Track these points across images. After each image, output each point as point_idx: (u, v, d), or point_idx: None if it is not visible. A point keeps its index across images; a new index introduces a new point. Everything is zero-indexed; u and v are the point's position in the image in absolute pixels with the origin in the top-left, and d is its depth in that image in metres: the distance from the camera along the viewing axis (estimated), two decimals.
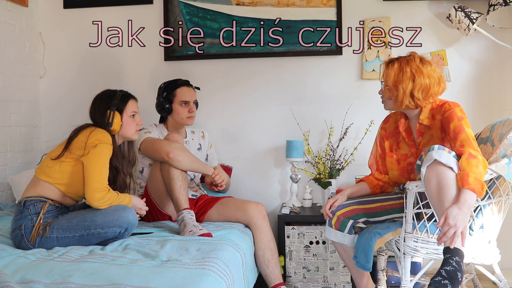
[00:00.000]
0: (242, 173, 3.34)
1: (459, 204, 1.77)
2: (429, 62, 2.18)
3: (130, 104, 2.42)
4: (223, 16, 3.30)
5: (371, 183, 2.40)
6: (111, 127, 2.33)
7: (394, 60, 2.22)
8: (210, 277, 1.75)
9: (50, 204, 2.21)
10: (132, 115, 2.42)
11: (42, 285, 1.62)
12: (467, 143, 1.95)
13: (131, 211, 2.21)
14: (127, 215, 2.18)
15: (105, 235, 2.16)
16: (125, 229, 2.18)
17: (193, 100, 2.85)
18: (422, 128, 2.22)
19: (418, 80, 2.12)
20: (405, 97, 2.15)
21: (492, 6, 2.84)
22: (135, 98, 2.47)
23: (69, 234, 2.15)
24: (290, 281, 2.89)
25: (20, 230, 2.14)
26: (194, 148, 2.93)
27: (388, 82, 2.20)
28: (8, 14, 3.13)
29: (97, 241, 2.18)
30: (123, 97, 2.41)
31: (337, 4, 3.21)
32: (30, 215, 2.15)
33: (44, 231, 2.14)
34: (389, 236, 2.14)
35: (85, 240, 2.16)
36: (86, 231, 2.15)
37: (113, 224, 2.15)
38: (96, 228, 2.14)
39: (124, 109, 2.39)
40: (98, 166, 2.20)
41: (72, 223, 2.16)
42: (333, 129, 3.24)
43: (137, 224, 2.25)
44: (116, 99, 2.37)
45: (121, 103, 2.38)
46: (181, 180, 2.51)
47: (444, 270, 1.70)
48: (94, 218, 2.15)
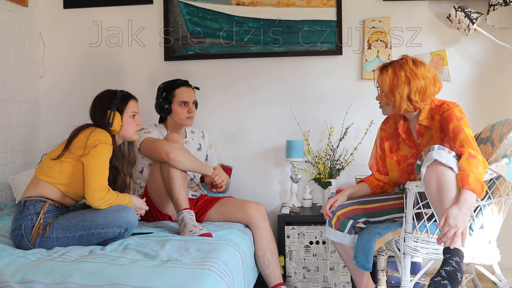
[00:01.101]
0: (242, 173, 3.34)
1: (459, 205, 1.77)
2: (422, 63, 2.17)
3: (130, 104, 2.41)
4: (223, 16, 3.30)
5: (372, 184, 2.40)
6: (111, 127, 2.33)
7: (388, 65, 2.21)
8: (210, 277, 1.75)
9: (50, 204, 2.21)
10: (133, 115, 2.42)
11: (42, 285, 1.62)
12: (466, 143, 1.95)
13: (131, 211, 2.21)
14: (127, 215, 2.18)
15: (105, 235, 2.16)
16: (125, 229, 2.18)
17: (192, 100, 2.85)
18: (422, 129, 2.22)
19: (414, 83, 2.12)
20: (403, 101, 2.14)
21: (492, 6, 2.84)
22: (135, 98, 2.47)
23: (69, 234, 2.15)
24: (290, 281, 2.89)
25: (20, 230, 2.14)
26: (194, 148, 2.93)
27: (383, 88, 2.20)
28: (8, 14, 3.13)
29: (97, 241, 2.18)
30: (124, 97, 2.40)
31: (337, 4, 3.21)
32: (30, 215, 2.15)
33: (44, 231, 2.14)
34: (389, 236, 2.14)
35: (85, 240, 2.16)
36: (86, 231, 2.15)
37: (113, 224, 2.15)
38: (96, 228, 2.14)
39: (124, 109, 2.39)
40: (98, 166, 2.20)
41: (72, 223, 2.16)
42: (333, 129, 3.24)
43: (137, 224, 2.26)
44: (116, 99, 2.36)
45: (121, 103, 2.38)
46: (181, 180, 2.51)
47: (444, 270, 1.70)
48: (94, 218, 2.15)
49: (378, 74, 2.25)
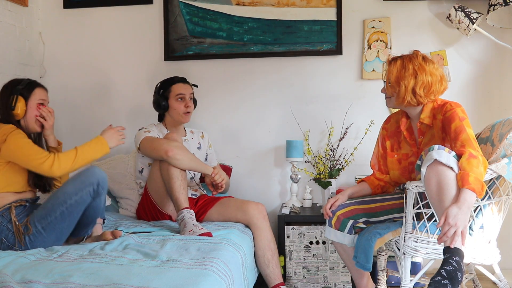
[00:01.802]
0: (242, 173, 3.34)
1: (459, 204, 1.78)
2: (432, 61, 2.19)
3: (37, 91, 2.32)
4: (223, 16, 3.29)
5: (372, 184, 2.40)
6: (14, 111, 2.24)
7: (397, 57, 2.23)
8: (210, 277, 1.75)
9: (15, 206, 2.18)
10: (41, 103, 2.33)
11: (42, 285, 1.62)
12: (468, 143, 1.95)
13: (95, 167, 2.19)
14: (93, 171, 2.16)
15: (82, 200, 2.14)
16: (97, 184, 2.16)
17: (189, 94, 2.85)
18: (423, 128, 2.23)
19: (420, 77, 2.13)
20: (407, 93, 2.15)
21: (492, 6, 2.84)
22: (43, 87, 2.38)
23: (50, 218, 2.13)
24: (290, 281, 2.89)
25: (4, 243, 2.12)
26: (193, 147, 2.93)
27: (390, 78, 2.21)
28: (8, 14, 3.13)
29: (79, 210, 2.16)
30: (30, 84, 2.32)
31: (337, 4, 3.21)
32: (4, 225, 2.13)
33: (27, 230, 2.12)
34: (389, 236, 2.14)
35: (67, 215, 2.13)
36: (63, 205, 2.13)
37: (83, 184, 2.13)
38: (71, 197, 2.12)
39: (30, 96, 2.29)
40: (21, 150, 2.14)
41: (48, 206, 2.14)
42: (333, 129, 3.24)
43: (106, 177, 2.23)
44: (21, 85, 2.28)
45: (26, 90, 2.29)
46: (180, 180, 2.51)
47: (444, 269, 1.70)
48: (64, 190, 2.14)
49: (386, 66, 2.27)
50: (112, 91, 3.42)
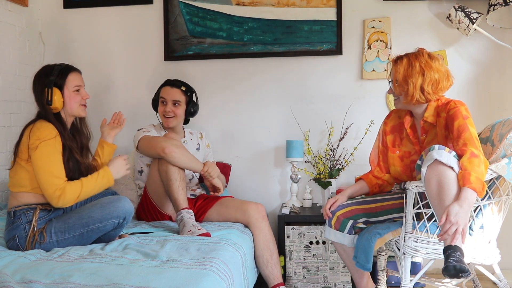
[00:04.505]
0: (242, 173, 3.34)
1: (460, 202, 1.78)
2: (437, 58, 2.19)
3: (70, 77, 2.23)
4: (223, 16, 3.29)
5: (370, 182, 2.39)
6: (51, 105, 2.17)
7: (403, 56, 2.22)
8: (210, 277, 1.75)
9: (40, 209, 2.14)
10: (77, 89, 2.25)
11: (42, 285, 1.62)
12: (470, 142, 1.95)
13: (126, 200, 2.18)
14: (124, 204, 2.15)
15: (104, 228, 2.14)
16: (123, 218, 2.15)
17: (172, 98, 2.80)
18: (427, 126, 2.22)
19: (428, 74, 2.13)
20: (416, 91, 2.14)
21: (492, 6, 2.84)
22: (77, 70, 2.30)
23: (68, 235, 2.12)
24: (290, 281, 2.89)
25: (15, 240, 2.09)
26: (192, 148, 2.92)
27: (397, 77, 2.20)
28: (8, 14, 3.13)
29: (97, 235, 2.16)
30: (62, 71, 2.22)
31: (337, 4, 3.21)
32: (22, 224, 2.09)
33: (42, 237, 2.09)
34: (389, 236, 2.14)
35: (85, 237, 2.14)
36: (85, 228, 2.12)
37: (111, 216, 2.12)
38: (94, 223, 2.12)
39: (64, 84, 2.21)
40: (42, 171, 2.08)
41: (69, 223, 2.12)
42: (333, 129, 3.23)
43: (133, 210, 2.23)
44: (53, 75, 2.18)
45: (59, 78, 2.19)
46: (179, 180, 2.50)
47: (452, 260, 1.71)
48: (91, 214, 2.12)
49: (392, 65, 2.25)
50: (112, 91, 3.43)
